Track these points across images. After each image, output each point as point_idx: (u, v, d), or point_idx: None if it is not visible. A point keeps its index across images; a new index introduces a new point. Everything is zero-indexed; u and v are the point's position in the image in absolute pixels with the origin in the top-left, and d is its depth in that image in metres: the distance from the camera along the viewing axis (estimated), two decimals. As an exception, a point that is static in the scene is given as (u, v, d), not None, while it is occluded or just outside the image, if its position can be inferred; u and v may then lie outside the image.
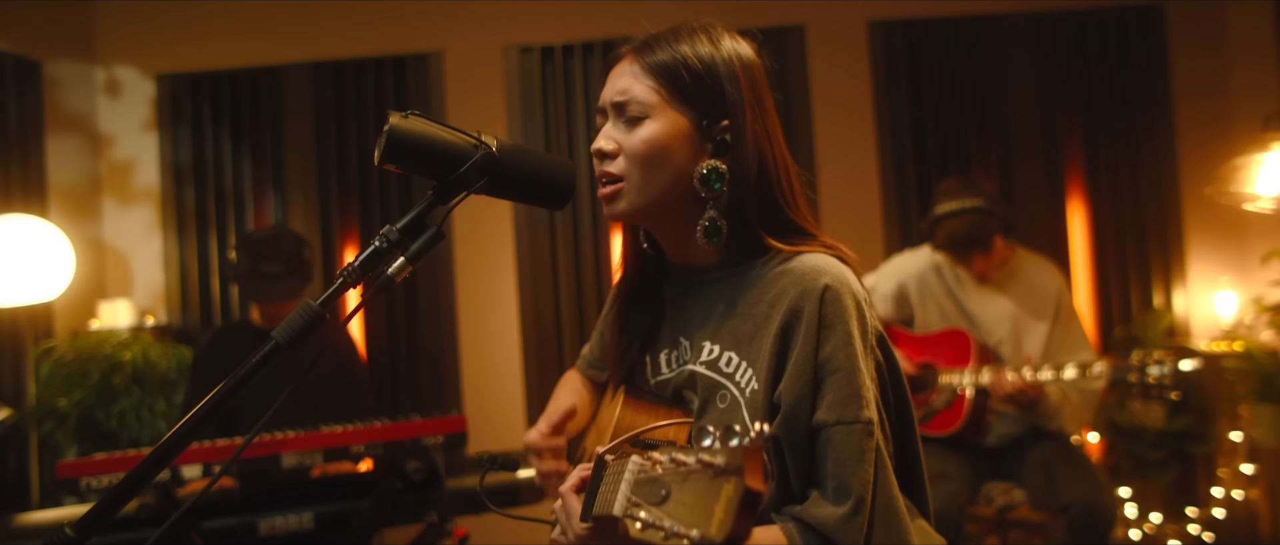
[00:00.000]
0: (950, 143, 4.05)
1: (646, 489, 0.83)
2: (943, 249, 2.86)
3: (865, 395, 1.09)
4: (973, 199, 2.78)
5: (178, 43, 4.05)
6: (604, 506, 0.92)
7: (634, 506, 0.83)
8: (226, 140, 4.05)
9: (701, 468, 0.78)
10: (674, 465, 0.81)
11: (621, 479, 0.88)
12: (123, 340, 3.47)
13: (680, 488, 0.79)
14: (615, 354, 1.40)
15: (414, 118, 1.05)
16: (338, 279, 1.02)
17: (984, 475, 2.81)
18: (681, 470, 0.80)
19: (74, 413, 3.26)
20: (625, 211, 1.22)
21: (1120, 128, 4.04)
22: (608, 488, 0.94)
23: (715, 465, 0.76)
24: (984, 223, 2.75)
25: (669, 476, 0.81)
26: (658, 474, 0.83)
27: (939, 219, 2.83)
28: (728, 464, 0.75)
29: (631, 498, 0.84)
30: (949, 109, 4.05)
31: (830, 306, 1.11)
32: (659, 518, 0.78)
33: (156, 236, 4.04)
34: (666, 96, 1.19)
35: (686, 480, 0.79)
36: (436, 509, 2.50)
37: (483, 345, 4.04)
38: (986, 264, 2.83)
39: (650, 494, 0.82)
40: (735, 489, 0.73)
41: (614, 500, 0.88)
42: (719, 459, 0.76)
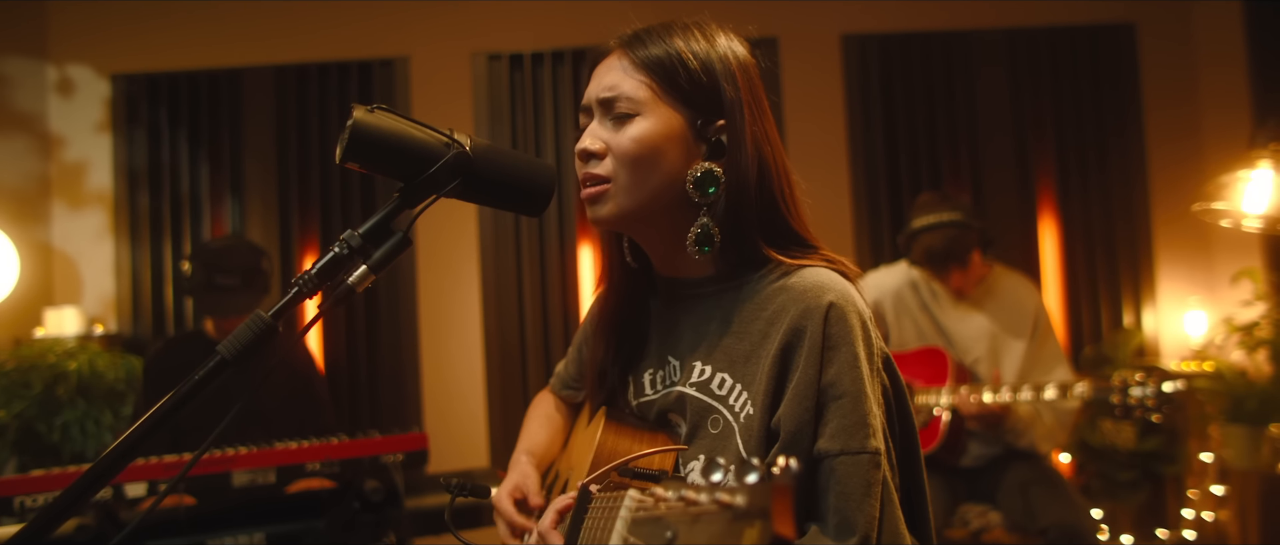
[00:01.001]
0: (923, 157, 4.02)
1: (647, 529, 0.72)
2: (919, 264, 2.82)
3: (872, 423, 1.01)
4: (950, 213, 2.74)
5: (134, 42, 3.90)
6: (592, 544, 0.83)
7: None
8: (184, 144, 3.91)
9: (718, 509, 0.66)
10: (682, 503, 0.69)
11: (616, 516, 0.77)
12: (69, 349, 3.32)
13: (690, 530, 0.68)
14: (594, 374, 1.30)
15: (381, 112, 0.96)
16: (293, 288, 0.93)
17: (960, 496, 2.76)
18: (691, 510, 0.68)
19: (14, 425, 3.10)
20: (611, 216, 1.12)
21: (1091, 145, 4.04)
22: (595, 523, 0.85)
23: (735, 506, 0.65)
24: (962, 237, 2.72)
25: (675, 516, 0.70)
26: (661, 513, 0.71)
27: (915, 233, 2.79)
28: (751, 506, 0.64)
29: (630, 539, 0.73)
30: (922, 123, 4.03)
31: (835, 326, 1.03)
32: None
33: (108, 242, 3.88)
34: (659, 93, 1.10)
35: (697, 522, 0.67)
36: (395, 530, 2.39)
37: (445, 360, 3.93)
38: (964, 280, 2.79)
39: (653, 535, 0.70)
40: (761, 536, 0.62)
41: (607, 540, 0.78)
42: (740, 499, 0.65)
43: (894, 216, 3.98)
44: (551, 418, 1.46)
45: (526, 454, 1.35)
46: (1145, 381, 2.36)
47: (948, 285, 2.82)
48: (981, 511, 2.73)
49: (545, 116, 3.94)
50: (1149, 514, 3.77)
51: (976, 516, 2.72)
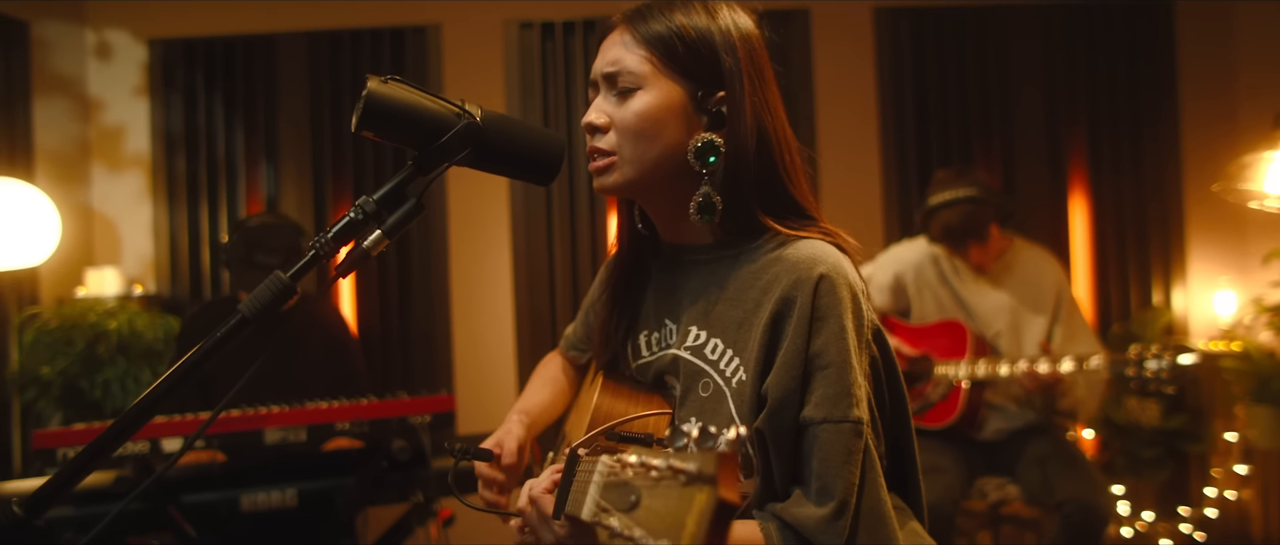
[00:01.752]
0: (954, 133, 3.99)
1: (615, 493, 0.78)
2: (938, 240, 2.82)
3: (856, 393, 1.04)
4: (966, 189, 2.73)
5: (171, 7, 3.97)
6: (575, 506, 0.87)
7: (603, 511, 0.77)
8: (219, 109, 3.98)
9: (672, 474, 0.71)
10: (644, 469, 0.75)
11: (591, 479, 0.83)
12: (109, 309, 3.42)
13: (650, 494, 0.73)
14: (602, 335, 1.34)
15: (394, 83, 1.00)
16: (309, 251, 0.97)
17: (978, 470, 2.78)
18: (652, 475, 0.74)
19: (58, 381, 3.21)
20: (616, 185, 1.16)
21: (1125, 122, 3.99)
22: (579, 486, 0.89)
23: (687, 471, 0.70)
24: (979, 212, 2.71)
25: (639, 481, 0.75)
26: (628, 477, 0.77)
27: (933, 209, 2.79)
28: (700, 471, 0.69)
29: (600, 502, 0.79)
30: (953, 99, 4.00)
31: (824, 298, 1.06)
32: (627, 525, 0.72)
33: (146, 204, 3.98)
34: (659, 67, 1.13)
35: (657, 486, 0.73)
36: (422, 489, 2.46)
37: (475, 324, 3.99)
38: (983, 255, 2.79)
39: (619, 499, 0.76)
40: (708, 500, 0.68)
41: (583, 502, 0.83)
42: (691, 465, 0.70)
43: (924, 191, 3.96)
44: (556, 379, 1.51)
45: (520, 413, 1.40)
46: (1161, 354, 2.36)
47: (967, 260, 2.82)
48: (1000, 484, 2.74)
49: (576, 84, 3.95)
50: (1172, 492, 3.76)
51: (995, 489, 2.74)
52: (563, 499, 0.92)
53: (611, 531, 0.73)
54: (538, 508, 1.01)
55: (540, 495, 1.01)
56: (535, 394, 1.46)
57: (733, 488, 0.68)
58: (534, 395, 1.46)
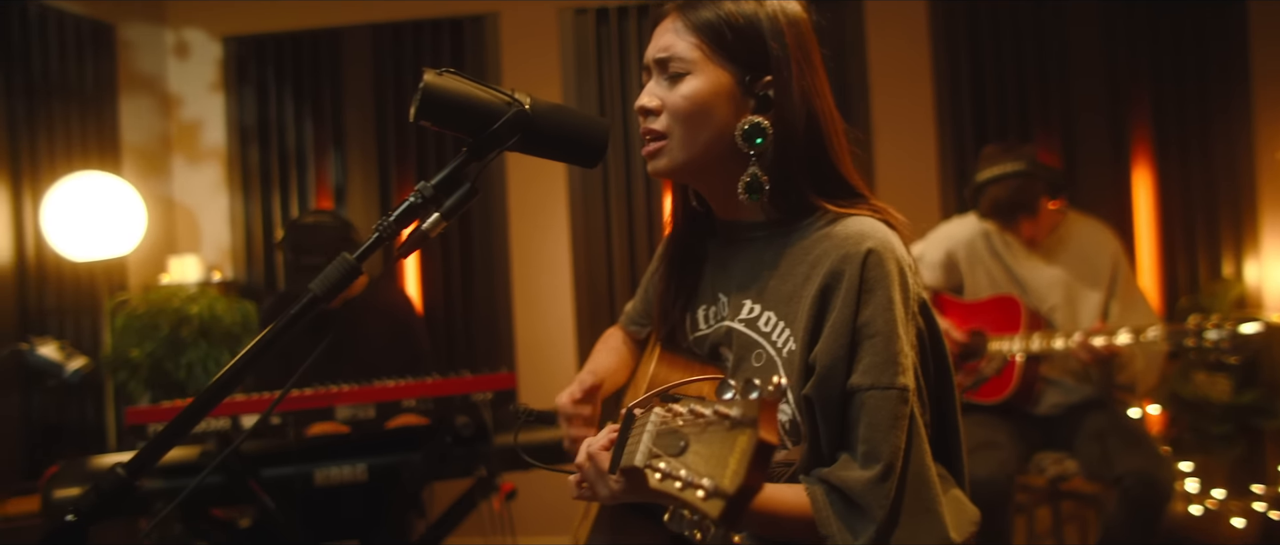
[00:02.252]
0: (1011, 106, 3.94)
1: (666, 440, 0.84)
2: (987, 216, 2.80)
3: (902, 362, 1.08)
4: (1015, 163, 2.71)
5: (244, 6, 4.13)
6: (629, 459, 0.94)
7: (654, 457, 0.84)
8: (289, 101, 4.14)
9: (718, 419, 0.78)
10: (693, 417, 0.82)
11: (645, 431, 0.89)
12: (190, 295, 3.60)
13: (698, 439, 0.80)
14: (660, 310, 1.40)
15: (449, 75, 1.07)
16: (373, 234, 1.04)
17: (1035, 445, 2.77)
18: (700, 422, 0.81)
19: (146, 363, 3.40)
20: (667, 168, 1.22)
21: (1191, 87, 3.87)
22: (634, 440, 0.95)
23: (731, 417, 0.77)
24: (1028, 186, 2.69)
25: (688, 428, 0.82)
26: (678, 425, 0.84)
27: (982, 185, 2.78)
28: (743, 416, 0.76)
29: (652, 449, 0.86)
30: (1010, 72, 3.94)
31: (872, 270, 1.10)
32: (676, 468, 0.79)
33: (223, 195, 4.16)
34: (708, 53, 1.18)
35: (704, 432, 0.80)
36: (485, 464, 2.56)
37: (536, 303, 4.09)
38: (1035, 229, 2.77)
39: (670, 445, 0.83)
40: (749, 441, 0.74)
41: (636, 452, 0.90)
42: (735, 411, 0.77)
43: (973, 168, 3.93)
44: (618, 349, 1.58)
45: (589, 372, 1.47)
46: (1221, 324, 2.32)
47: (1018, 235, 2.80)
48: (1058, 459, 2.73)
49: (631, 69, 4.01)
50: (1244, 469, 3.67)
51: (1053, 464, 2.73)
52: (619, 455, 0.98)
53: (662, 474, 0.80)
54: (595, 463, 1.08)
55: (597, 451, 1.08)
56: (601, 359, 1.53)
57: (772, 430, 0.74)
58: (599, 360, 1.53)
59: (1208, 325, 2.35)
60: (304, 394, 2.43)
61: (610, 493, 1.06)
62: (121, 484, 0.96)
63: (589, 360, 1.56)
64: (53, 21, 3.58)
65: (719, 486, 0.74)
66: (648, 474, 0.83)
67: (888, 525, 1.05)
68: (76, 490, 2.31)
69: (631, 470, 0.91)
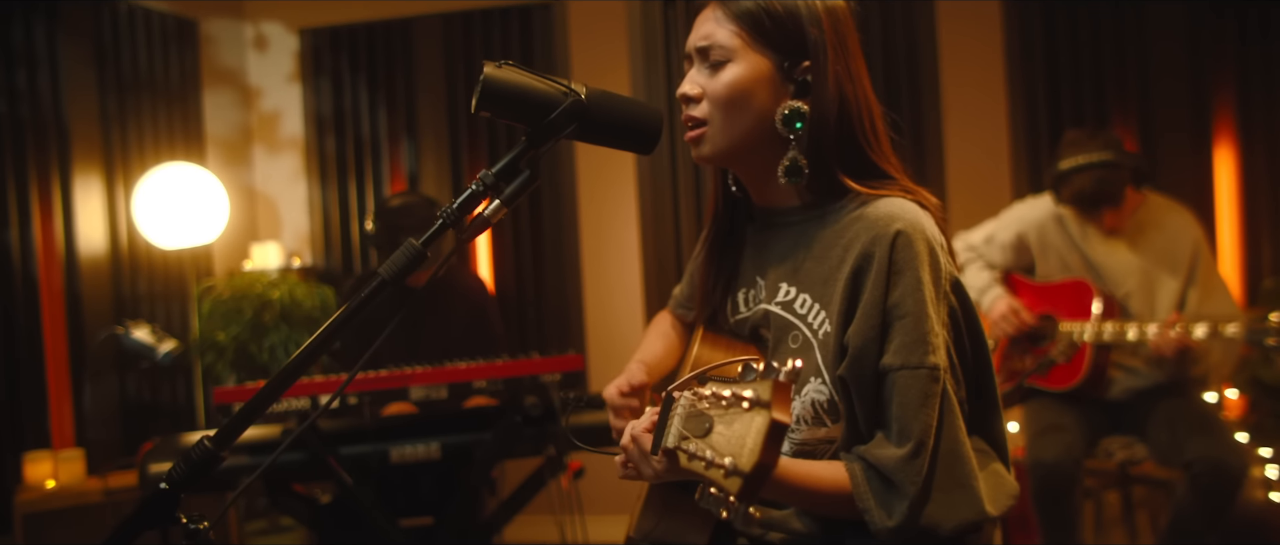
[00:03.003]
0: (1087, 90, 3.81)
1: (694, 422, 0.89)
2: (1069, 204, 2.72)
3: (932, 341, 1.11)
4: (1100, 152, 2.62)
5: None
6: (665, 440, 0.98)
7: (683, 438, 0.89)
8: (363, 91, 4.26)
9: (736, 401, 0.83)
10: (716, 399, 0.87)
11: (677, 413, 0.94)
12: (272, 280, 3.74)
13: (721, 420, 0.85)
14: (702, 294, 1.44)
15: (507, 67, 1.10)
16: (437, 220, 1.09)
17: (1102, 429, 2.71)
18: (722, 403, 0.86)
19: (231, 346, 3.55)
20: (709, 154, 1.25)
21: (1275, 69, 3.70)
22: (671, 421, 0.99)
23: (748, 398, 0.81)
24: (1112, 177, 2.60)
25: (713, 409, 0.87)
26: (704, 408, 0.89)
27: (1066, 174, 2.68)
28: (757, 397, 0.80)
29: (681, 430, 0.91)
30: (1086, 53, 3.81)
31: (901, 252, 1.13)
32: (701, 449, 0.84)
33: (301, 183, 4.31)
34: (748, 40, 1.21)
35: (727, 412, 0.85)
36: (553, 443, 2.62)
37: (605, 287, 4.14)
38: (1117, 218, 2.69)
39: (696, 426, 0.88)
40: (764, 422, 0.78)
41: (667, 431, 0.94)
42: (749, 392, 0.81)
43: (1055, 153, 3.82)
44: (666, 334, 1.62)
45: (639, 362, 1.51)
46: None
47: (1100, 225, 2.72)
48: (1126, 443, 2.67)
49: (695, 53, 4.00)
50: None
51: (1121, 449, 2.67)
52: (659, 436, 1.02)
53: (689, 454, 0.85)
54: (638, 445, 1.11)
55: (640, 434, 1.12)
56: (650, 346, 1.58)
57: (785, 410, 0.79)
58: (649, 347, 1.57)
59: None
60: (379, 375, 2.51)
61: (654, 473, 1.10)
62: (208, 455, 1.02)
63: (640, 347, 1.60)
64: (140, 19, 3.75)
65: (737, 465, 0.79)
66: (678, 455, 0.88)
67: (920, 500, 1.08)
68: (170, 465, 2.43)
69: (671, 453, 0.95)
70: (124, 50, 3.69)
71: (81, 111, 3.50)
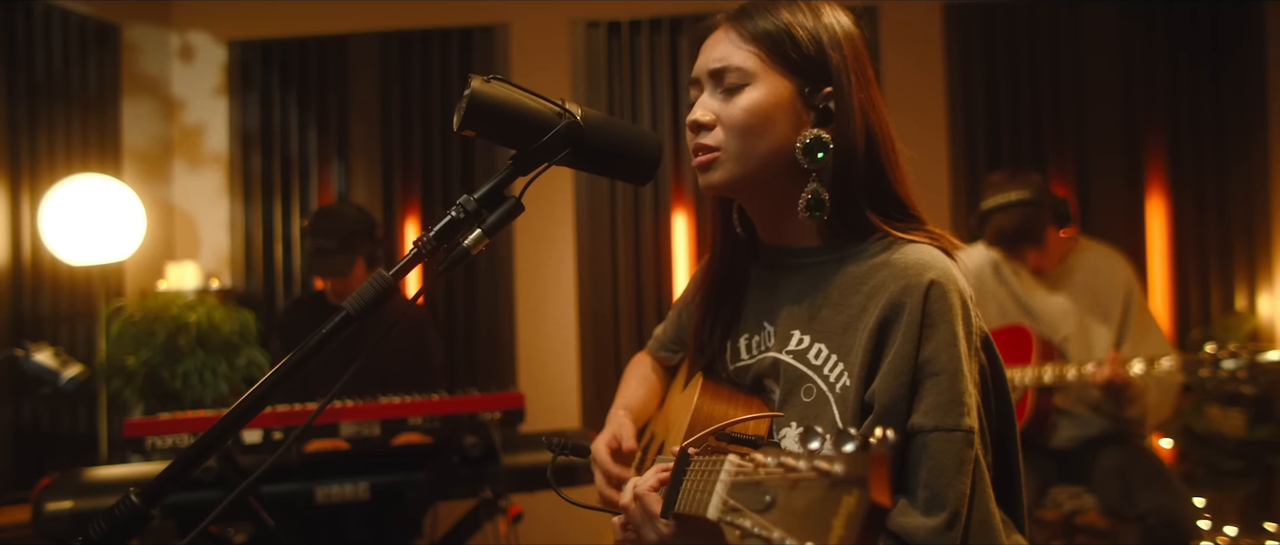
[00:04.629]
0: (1026, 134, 3.90)
1: (747, 493, 0.75)
2: (993, 244, 2.76)
3: (967, 401, 1.02)
4: (1020, 191, 2.67)
5: (250, 10, 4.07)
6: (693, 506, 0.86)
7: (732, 511, 0.75)
8: (293, 108, 4.08)
9: (817, 476, 0.69)
10: (781, 470, 0.73)
11: (716, 479, 0.81)
12: (189, 302, 3.52)
13: (788, 495, 0.71)
14: (696, 339, 1.33)
15: (496, 82, 1.00)
16: (412, 250, 0.98)
17: (1050, 478, 2.71)
18: (790, 476, 0.72)
19: (141, 371, 3.32)
20: (722, 182, 1.15)
21: (1207, 118, 3.84)
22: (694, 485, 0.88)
23: (833, 474, 0.67)
24: (1033, 215, 2.65)
25: (774, 482, 0.73)
26: (760, 477, 0.75)
27: (986, 213, 2.74)
28: (849, 474, 0.66)
29: (729, 501, 0.77)
30: (1025, 99, 3.90)
31: (935, 303, 1.04)
32: (765, 527, 0.70)
33: (224, 201, 4.09)
34: (768, 63, 1.12)
35: (795, 488, 0.71)
36: (491, 485, 2.48)
37: (539, 323, 4.02)
38: (1041, 258, 2.72)
39: (752, 500, 0.74)
40: (858, 503, 0.65)
41: (707, 501, 0.81)
42: (838, 467, 0.67)
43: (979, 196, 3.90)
44: (647, 378, 1.51)
45: (624, 408, 1.39)
46: (1238, 353, 2.27)
47: (1025, 264, 2.75)
48: (1074, 493, 2.67)
49: (641, 84, 3.96)
50: (1258, 506, 3.62)
51: (1069, 498, 2.67)
52: (672, 498, 0.91)
53: (743, 531, 0.71)
54: (643, 505, 1.01)
55: (645, 492, 1.01)
56: (633, 391, 1.46)
57: (884, 492, 0.65)
58: (631, 393, 1.46)
59: (1223, 355, 2.30)
60: (307, 408, 2.35)
61: (659, 537, 1.00)
62: (135, 513, 0.89)
63: (619, 392, 1.49)
64: (58, 21, 3.52)
65: None
66: (725, 529, 0.75)
67: None
68: (68, 503, 2.22)
69: (695, 520, 0.83)
70: (38, 53, 3.45)
71: (-13, 116, 3.25)
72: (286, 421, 2.33)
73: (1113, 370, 2.46)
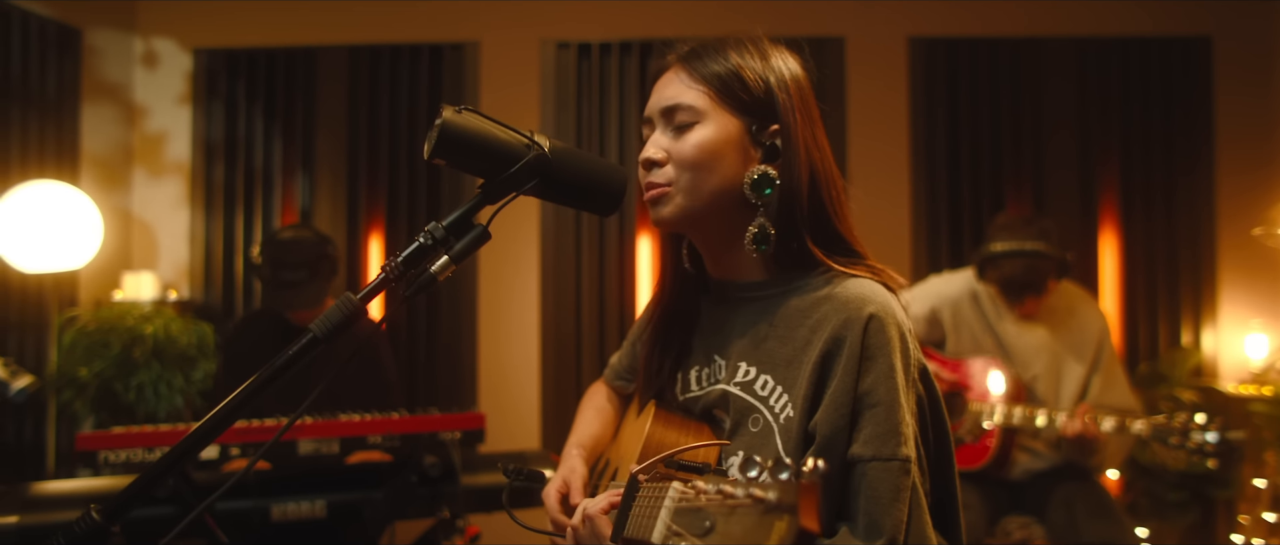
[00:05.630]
0: (985, 165, 4.00)
1: (689, 519, 0.80)
2: (994, 286, 2.77)
3: (904, 431, 1.07)
4: (1034, 242, 2.66)
5: (217, 17, 4.05)
6: (639, 530, 0.89)
7: (675, 535, 0.80)
8: (259, 119, 4.05)
9: (751, 503, 0.74)
10: (720, 497, 0.77)
11: (661, 504, 0.85)
12: (145, 313, 3.47)
13: (726, 521, 0.76)
14: (646, 370, 1.36)
15: (468, 113, 1.03)
16: (379, 274, 1.00)
17: (1003, 508, 2.76)
18: (728, 503, 0.76)
19: (93, 383, 3.26)
20: (672, 217, 1.19)
21: (1158, 159, 3.98)
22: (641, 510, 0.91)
23: (767, 501, 0.72)
24: (1042, 267, 2.66)
25: (713, 508, 0.78)
26: (701, 504, 0.79)
27: (995, 257, 2.71)
28: (780, 500, 0.72)
29: (672, 526, 0.81)
30: (985, 131, 4.01)
31: (874, 337, 1.09)
32: None
33: (184, 211, 4.04)
34: (717, 102, 1.17)
35: (733, 513, 0.75)
36: (449, 505, 2.48)
37: (501, 345, 4.02)
38: (1036, 306, 2.76)
39: (693, 524, 0.79)
40: (789, 528, 0.70)
41: (652, 526, 0.85)
42: (771, 494, 0.72)
43: (953, 224, 3.98)
44: (603, 409, 1.53)
45: (578, 447, 1.41)
46: (1207, 426, 2.34)
47: (1019, 310, 2.78)
48: (1024, 523, 2.73)
49: (610, 106, 3.99)
50: (1197, 536, 3.72)
51: (1019, 528, 2.72)
52: (623, 521, 0.94)
53: None
54: (593, 525, 1.03)
55: (596, 514, 1.04)
56: (587, 426, 1.48)
57: (813, 518, 0.70)
58: (586, 428, 1.48)
59: (1193, 427, 2.36)
60: (265, 425, 2.33)
61: None
62: (96, 529, 0.89)
63: (575, 427, 1.50)
64: (17, 21, 3.47)
65: None
66: None
67: None
68: (14, 518, 2.18)
69: (643, 543, 0.86)
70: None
71: (-59, 117, 3.19)
72: (244, 438, 2.31)
73: (1083, 426, 2.50)
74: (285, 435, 2.32)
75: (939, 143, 4.02)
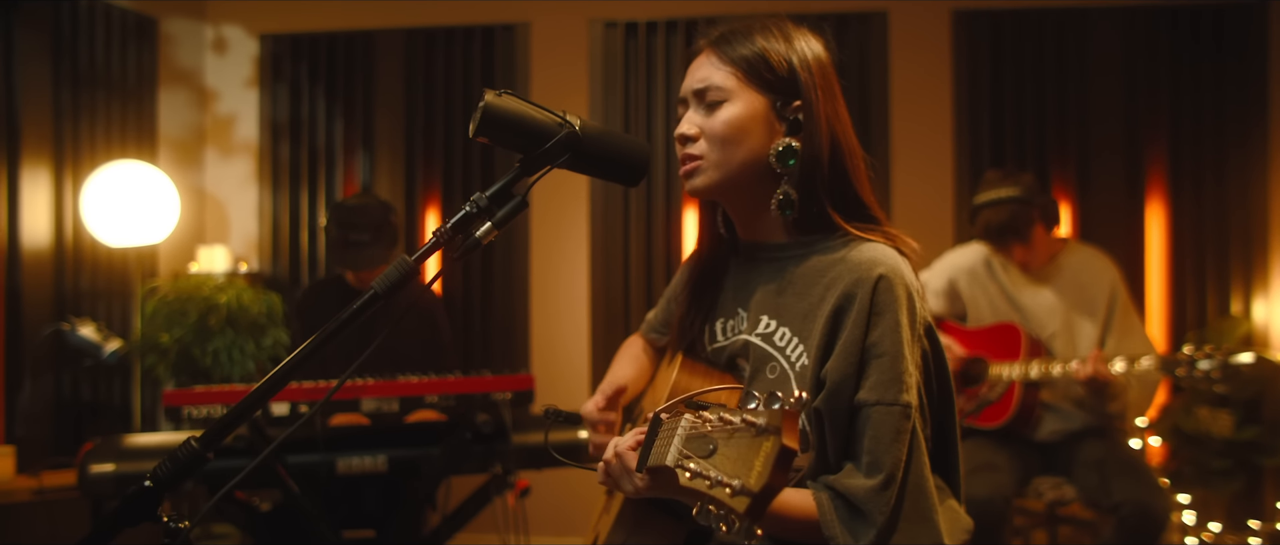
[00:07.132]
0: (1029, 139, 4.01)
1: (696, 443, 0.94)
2: (981, 238, 2.90)
3: (907, 380, 1.18)
4: (1011, 188, 2.80)
5: (281, 4, 4.25)
6: (657, 458, 1.02)
7: (685, 458, 0.93)
8: (321, 100, 4.25)
9: (745, 427, 0.88)
10: (721, 423, 0.91)
11: (675, 434, 0.99)
12: (219, 284, 3.69)
13: (726, 443, 0.90)
14: (679, 323, 1.50)
15: (507, 96, 1.16)
16: (431, 238, 1.13)
17: (1034, 470, 2.83)
18: (728, 428, 0.91)
19: (174, 348, 3.49)
20: (703, 187, 1.31)
21: (1208, 126, 3.94)
22: (662, 442, 1.04)
23: (757, 425, 0.86)
24: (1021, 212, 2.77)
25: (717, 433, 0.92)
26: (707, 430, 0.94)
27: (978, 208, 2.87)
28: (768, 424, 0.85)
29: (682, 450, 0.95)
30: (1030, 104, 4.02)
31: (882, 295, 1.20)
32: (706, 468, 0.88)
33: (253, 188, 4.27)
34: (744, 81, 1.29)
35: (732, 437, 0.89)
36: (501, 461, 2.64)
37: (553, 309, 4.18)
38: (1027, 254, 2.85)
39: (699, 448, 0.93)
40: (773, 446, 0.83)
41: (666, 452, 0.98)
42: (761, 419, 0.86)
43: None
44: (638, 357, 1.68)
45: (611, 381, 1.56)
46: (1212, 354, 2.39)
47: (1012, 260, 2.88)
48: (1055, 484, 2.79)
49: (657, 83, 4.10)
50: (1242, 505, 3.73)
51: (1051, 489, 2.79)
52: (646, 454, 1.07)
53: (692, 473, 0.89)
54: (622, 461, 1.16)
55: (624, 450, 1.17)
56: (623, 369, 1.63)
57: (794, 437, 0.84)
58: (621, 370, 1.62)
59: (1199, 355, 2.43)
60: (331, 384, 2.51)
61: (635, 488, 1.15)
62: (195, 455, 1.05)
63: (611, 368, 1.65)
64: (100, 14, 3.70)
65: (745, 485, 0.84)
66: (678, 473, 0.92)
67: (887, 530, 1.15)
68: (111, 466, 2.40)
69: (660, 469, 0.99)
70: (82, 45, 3.64)
71: (34, 104, 3.44)
72: (311, 397, 2.50)
73: (1095, 368, 2.60)
74: (350, 395, 2.50)
75: (982, 117, 4.03)
